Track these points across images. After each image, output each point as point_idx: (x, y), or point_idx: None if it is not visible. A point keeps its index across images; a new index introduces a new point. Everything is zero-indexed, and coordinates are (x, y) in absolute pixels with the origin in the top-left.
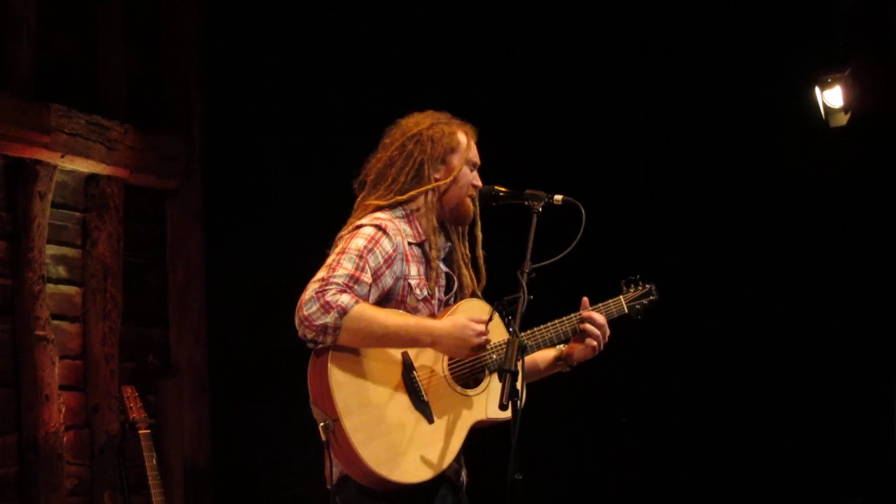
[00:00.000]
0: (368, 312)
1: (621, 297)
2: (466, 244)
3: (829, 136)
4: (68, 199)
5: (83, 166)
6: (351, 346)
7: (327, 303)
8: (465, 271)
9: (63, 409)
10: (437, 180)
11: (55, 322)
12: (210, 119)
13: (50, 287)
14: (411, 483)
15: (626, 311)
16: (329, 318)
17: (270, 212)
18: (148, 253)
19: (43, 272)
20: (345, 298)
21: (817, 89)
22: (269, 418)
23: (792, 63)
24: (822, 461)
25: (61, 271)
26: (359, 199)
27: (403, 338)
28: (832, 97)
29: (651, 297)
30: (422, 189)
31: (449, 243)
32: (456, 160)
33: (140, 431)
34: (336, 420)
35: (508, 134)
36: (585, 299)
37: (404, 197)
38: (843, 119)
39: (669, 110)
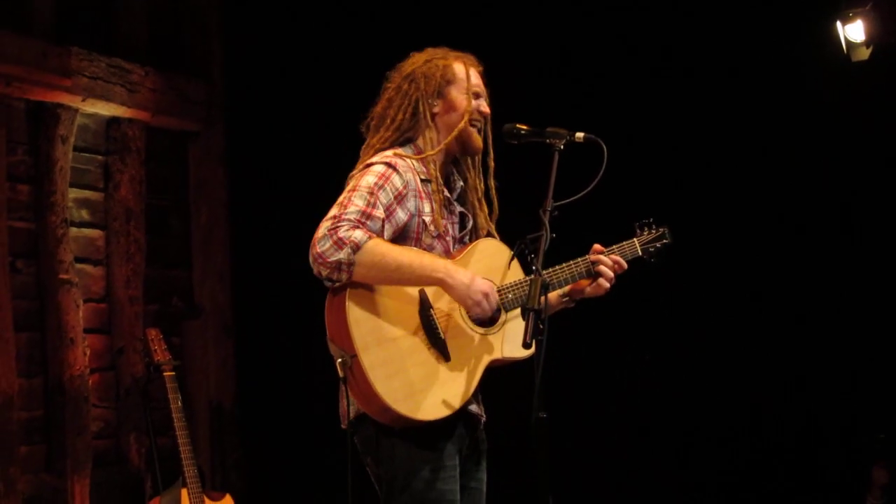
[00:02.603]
0: (382, 247)
1: (635, 239)
2: (480, 177)
3: (851, 70)
4: (90, 142)
5: (104, 109)
6: (366, 283)
7: (340, 239)
8: (479, 209)
9: (88, 352)
10: (434, 115)
11: (79, 265)
12: (231, 60)
13: (73, 230)
14: (429, 420)
15: (640, 253)
16: (342, 254)
17: (293, 152)
18: (170, 195)
19: (66, 216)
20: (358, 234)
21: (839, 23)
22: (293, 358)
23: None
24: (846, 396)
25: (84, 214)
26: (365, 142)
27: (417, 273)
28: (853, 31)
29: (664, 241)
30: (421, 125)
31: (461, 182)
32: (454, 91)
33: (165, 373)
34: (354, 356)
35: (529, 72)
36: (597, 246)
37: (407, 135)
38: (864, 53)
39: (689, 46)
